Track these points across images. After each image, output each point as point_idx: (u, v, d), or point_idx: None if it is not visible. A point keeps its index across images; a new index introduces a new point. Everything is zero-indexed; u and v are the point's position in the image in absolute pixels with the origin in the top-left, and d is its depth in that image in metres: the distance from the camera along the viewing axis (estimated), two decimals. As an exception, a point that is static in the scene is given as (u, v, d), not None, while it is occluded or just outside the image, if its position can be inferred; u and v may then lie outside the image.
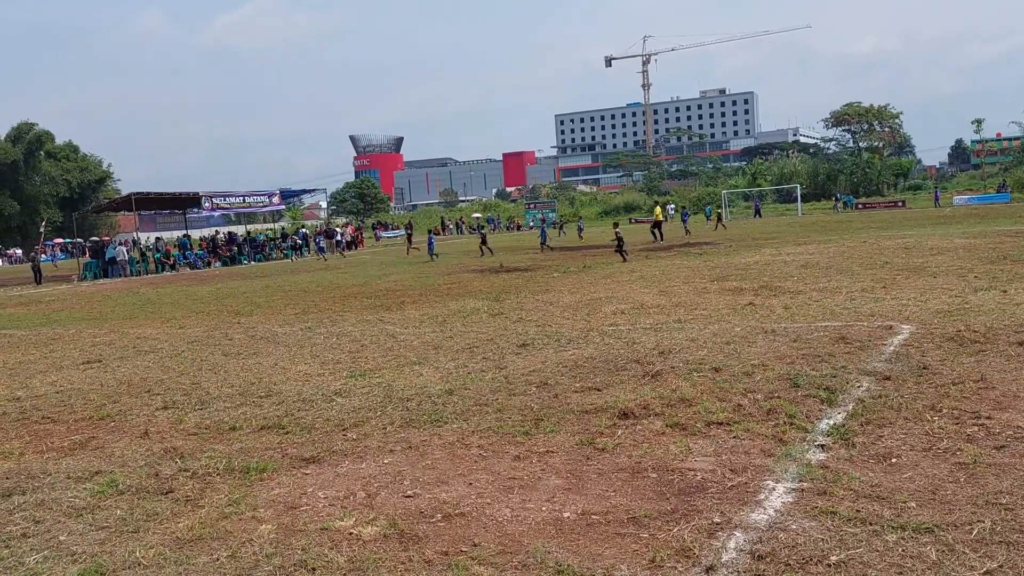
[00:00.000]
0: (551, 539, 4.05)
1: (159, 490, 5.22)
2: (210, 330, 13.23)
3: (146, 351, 11.32)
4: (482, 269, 23.31)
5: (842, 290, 12.54)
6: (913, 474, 4.59)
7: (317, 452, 5.78)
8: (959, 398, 5.99)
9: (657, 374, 7.44)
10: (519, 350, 9.23)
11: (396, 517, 4.43)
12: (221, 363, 9.88)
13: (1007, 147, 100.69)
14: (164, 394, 8.22)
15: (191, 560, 4.06)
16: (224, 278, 28.84)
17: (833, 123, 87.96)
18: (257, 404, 7.44)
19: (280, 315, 14.83)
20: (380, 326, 12.22)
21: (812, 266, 16.85)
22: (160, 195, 43.13)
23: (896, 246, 20.48)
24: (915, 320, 9.40)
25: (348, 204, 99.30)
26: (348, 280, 22.80)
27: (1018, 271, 13.38)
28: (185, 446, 6.21)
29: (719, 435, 5.56)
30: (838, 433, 5.37)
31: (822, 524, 3.96)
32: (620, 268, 20.09)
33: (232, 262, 40.46)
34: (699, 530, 4.01)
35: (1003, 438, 5.08)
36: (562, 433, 5.85)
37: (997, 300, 10.41)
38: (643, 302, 12.82)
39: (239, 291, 21.57)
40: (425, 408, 6.81)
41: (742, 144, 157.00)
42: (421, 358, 9.19)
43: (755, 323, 9.98)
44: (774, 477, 4.68)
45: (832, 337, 8.63)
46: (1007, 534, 3.74)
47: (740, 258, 20.49)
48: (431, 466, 5.31)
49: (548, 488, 4.78)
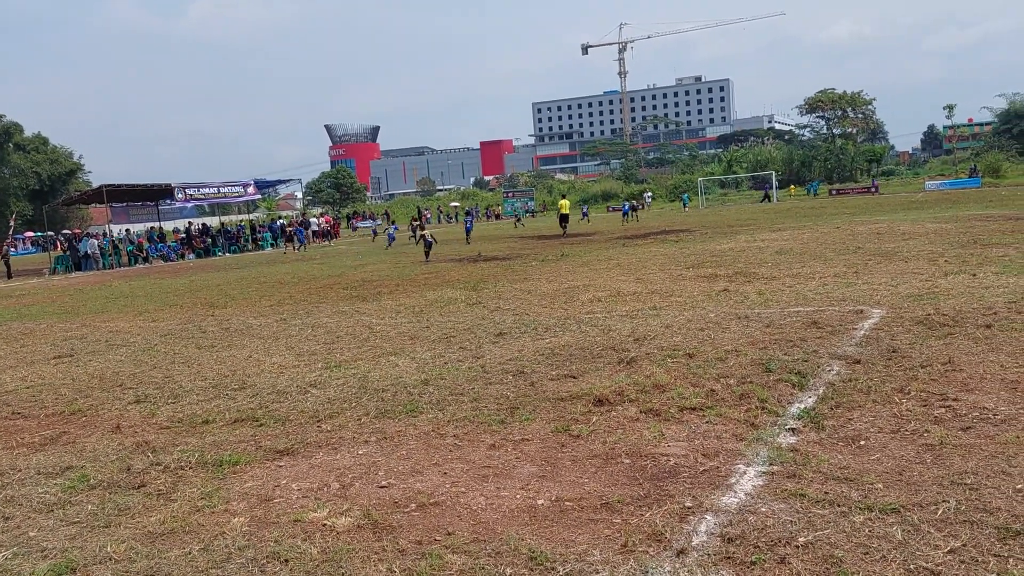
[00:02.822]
0: (525, 526, 4.06)
1: (131, 484, 5.17)
2: (183, 323, 13.11)
3: (118, 345, 11.20)
4: (460, 258, 23.28)
5: (815, 275, 12.67)
6: (881, 456, 4.66)
7: (291, 444, 5.76)
8: (927, 381, 6.08)
9: (632, 361, 7.48)
10: (496, 339, 9.24)
11: (370, 507, 4.42)
12: (194, 356, 9.80)
13: (978, 132, 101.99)
14: (136, 388, 8.14)
15: (163, 554, 4.03)
16: (198, 270, 28.57)
17: (807, 110, 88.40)
18: (231, 397, 7.40)
19: (255, 307, 14.73)
20: (356, 317, 12.17)
21: (786, 252, 16.99)
22: (132, 187, 42.53)
23: (869, 231, 20.71)
24: (886, 304, 9.52)
25: (324, 194, 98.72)
26: (324, 271, 22.68)
27: (987, 255, 13.58)
28: (157, 440, 6.16)
29: (692, 420, 5.60)
30: (808, 417, 5.44)
31: (791, 506, 4.01)
32: (597, 256, 20.14)
33: (206, 254, 40.09)
34: (671, 514, 4.05)
35: (969, 419, 5.17)
36: (537, 421, 5.87)
37: (966, 284, 10.57)
38: (620, 289, 12.87)
39: (213, 283, 21.38)
40: (400, 398, 6.80)
41: (718, 131, 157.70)
42: (397, 349, 9.17)
43: (729, 309, 10.06)
44: (745, 461, 4.73)
45: (804, 322, 8.72)
46: (971, 513, 3.80)
47: (715, 245, 20.62)
48: (406, 456, 5.31)
49: (522, 476, 4.80)
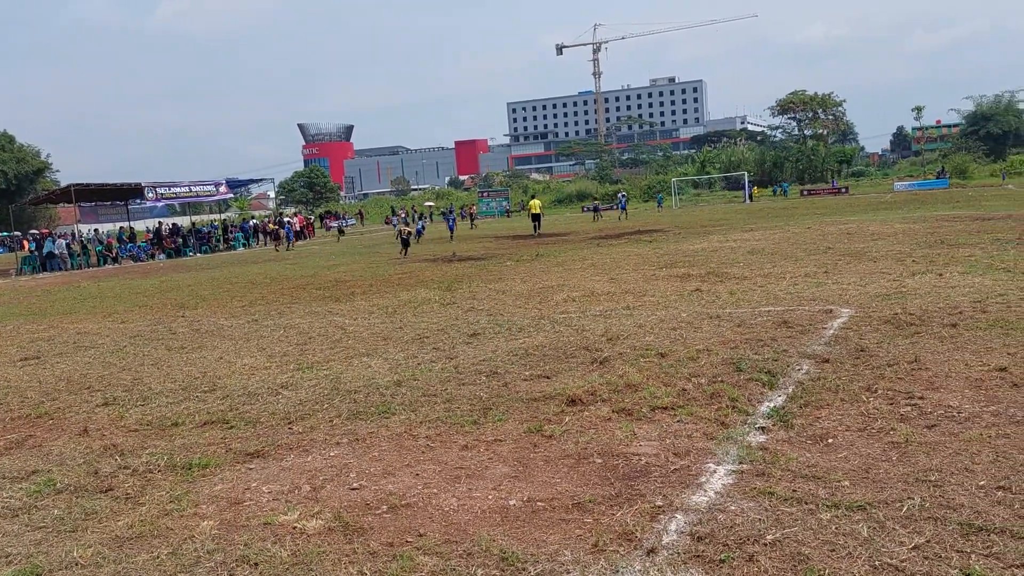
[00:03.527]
0: (496, 527, 4.07)
1: (98, 488, 5.10)
2: (153, 324, 12.95)
3: (86, 347, 11.04)
4: (434, 258, 23.23)
5: (786, 275, 12.80)
6: (848, 454, 4.73)
7: (262, 446, 5.71)
8: (894, 379, 6.17)
9: (605, 360, 7.51)
10: (470, 340, 9.23)
11: (341, 510, 4.40)
12: (164, 358, 9.68)
13: (946, 134, 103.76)
14: (104, 390, 8.03)
15: (131, 558, 3.99)
16: (168, 271, 28.24)
17: (779, 111, 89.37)
18: (201, 399, 7.32)
19: (226, 308, 14.59)
20: (329, 318, 12.10)
21: (758, 252, 17.16)
22: (101, 186, 41.93)
23: (839, 232, 20.97)
24: (854, 304, 9.64)
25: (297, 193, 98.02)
26: (296, 271, 22.52)
27: (954, 255, 13.81)
28: (125, 443, 6.08)
29: (664, 419, 5.64)
30: (778, 415, 5.50)
31: (760, 504, 4.06)
32: (572, 256, 20.19)
33: (177, 254, 39.64)
34: (642, 514, 4.07)
35: (934, 417, 5.25)
36: (510, 421, 5.87)
37: (933, 284, 10.74)
38: (593, 289, 12.92)
39: (184, 284, 21.14)
40: (373, 400, 6.77)
41: (691, 132, 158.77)
42: (370, 349, 9.13)
43: (701, 309, 10.14)
44: (715, 460, 4.77)
45: (775, 321, 8.81)
46: (935, 510, 3.87)
47: (688, 245, 20.77)
48: (378, 458, 5.30)
49: (495, 476, 4.80)
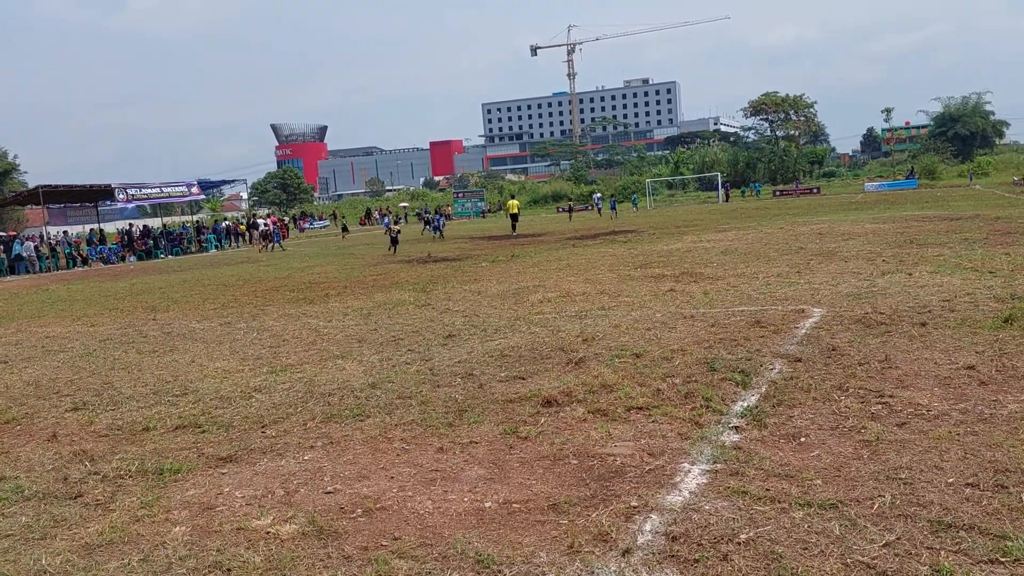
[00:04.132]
0: (472, 529, 4.06)
1: (67, 495, 5.02)
2: (124, 327, 12.77)
3: (55, 351, 10.86)
4: (410, 259, 23.15)
5: (759, 275, 12.92)
6: (820, 452, 4.78)
7: (235, 450, 5.66)
8: (865, 378, 6.25)
9: (580, 361, 7.53)
10: (445, 341, 9.21)
11: (315, 514, 4.37)
12: (135, 361, 9.55)
13: (915, 135, 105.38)
14: (74, 395, 7.91)
15: (101, 566, 3.93)
16: (139, 273, 27.89)
17: (751, 112, 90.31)
18: (172, 403, 7.23)
19: (198, 310, 14.43)
20: (303, 320, 12.02)
21: (731, 252, 17.30)
22: (70, 187, 41.29)
23: (811, 232, 21.20)
24: (826, 303, 9.75)
25: (270, 195, 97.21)
26: (270, 273, 22.33)
27: (923, 255, 14.01)
28: (96, 448, 5.99)
29: (639, 420, 5.67)
30: (751, 415, 5.54)
31: (734, 504, 4.09)
32: (547, 257, 20.23)
33: (148, 256, 39.17)
34: (617, 514, 4.08)
35: (904, 415, 5.33)
36: (486, 423, 5.87)
37: (903, 283, 10.89)
38: (569, 290, 12.95)
39: (155, 286, 20.89)
40: (347, 403, 6.73)
41: (665, 133, 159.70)
42: (344, 352, 9.08)
43: (675, 309, 10.20)
44: (690, 459, 4.80)
45: (748, 321, 8.88)
46: (905, 507, 3.92)
47: (663, 245, 20.89)
48: (352, 461, 5.26)
49: (470, 479, 4.79)
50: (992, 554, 3.42)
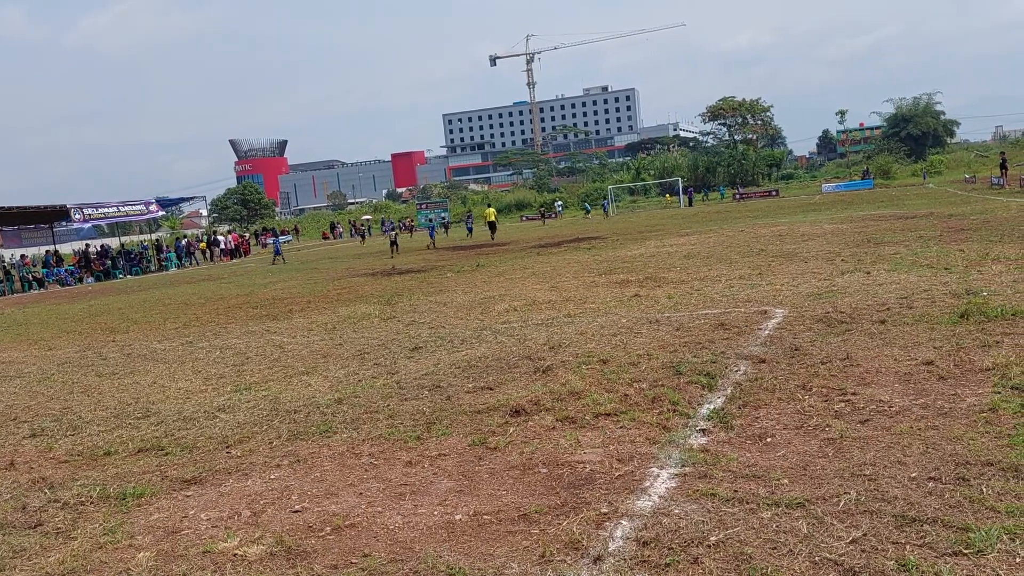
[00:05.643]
0: (443, 543, 4.03)
1: (26, 524, 4.89)
2: (82, 350, 12.50)
3: (11, 376, 10.59)
4: (373, 272, 23.01)
5: (721, 278, 13.06)
6: (786, 452, 4.83)
7: (199, 472, 5.55)
8: (827, 376, 6.34)
9: (548, 369, 7.53)
10: (411, 354, 9.15)
11: (283, 534, 4.30)
12: (95, 384, 9.35)
13: (869, 136, 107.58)
14: (32, 421, 7.71)
15: (61, 597, 3.82)
16: (97, 294, 27.33)
17: (710, 117, 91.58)
18: (134, 426, 7.09)
19: (159, 330, 14.18)
20: (266, 336, 11.87)
21: (694, 256, 17.47)
22: (24, 209, 40.36)
23: (771, 234, 21.50)
24: (788, 304, 9.89)
25: (231, 211, 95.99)
26: (232, 290, 22.03)
27: (880, 253, 14.28)
28: (55, 475, 5.84)
29: (607, 426, 5.68)
30: (718, 417, 5.58)
31: (703, 506, 4.11)
32: (513, 265, 20.24)
33: (106, 276, 38.40)
34: (587, 522, 4.08)
35: (867, 412, 5.41)
36: (454, 435, 5.84)
37: (861, 282, 11.08)
38: (535, 298, 12.97)
39: (114, 307, 20.49)
40: (313, 419, 6.66)
41: (626, 140, 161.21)
42: (309, 368, 8.98)
43: (640, 314, 10.27)
44: (658, 464, 4.82)
45: (712, 324, 8.97)
46: (870, 503, 3.98)
47: (626, 251, 21.02)
48: (320, 478, 5.20)
49: (440, 492, 4.76)
50: (956, 546, 3.48)
